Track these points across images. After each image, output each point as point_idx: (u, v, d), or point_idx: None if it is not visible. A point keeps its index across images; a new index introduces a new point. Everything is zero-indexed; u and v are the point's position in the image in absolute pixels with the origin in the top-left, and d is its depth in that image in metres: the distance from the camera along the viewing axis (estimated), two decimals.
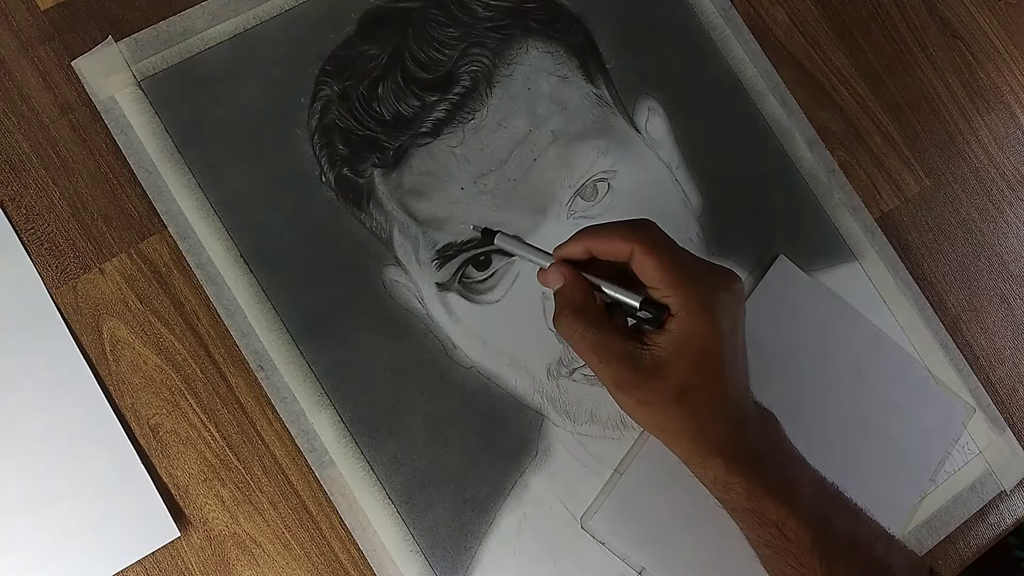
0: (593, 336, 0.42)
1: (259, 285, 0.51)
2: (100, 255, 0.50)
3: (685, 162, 0.57)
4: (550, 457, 0.52)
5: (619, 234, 0.43)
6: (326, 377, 0.50)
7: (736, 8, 0.60)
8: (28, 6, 0.52)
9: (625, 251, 0.42)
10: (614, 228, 0.43)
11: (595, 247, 0.43)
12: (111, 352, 0.49)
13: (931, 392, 0.57)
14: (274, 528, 0.49)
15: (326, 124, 0.53)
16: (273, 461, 0.50)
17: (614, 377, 0.43)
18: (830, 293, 0.57)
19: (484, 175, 0.54)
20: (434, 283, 0.52)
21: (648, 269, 0.42)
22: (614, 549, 0.51)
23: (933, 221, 0.61)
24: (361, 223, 0.53)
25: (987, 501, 0.57)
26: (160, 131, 0.51)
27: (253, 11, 0.54)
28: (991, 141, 0.63)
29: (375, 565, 0.49)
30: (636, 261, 0.42)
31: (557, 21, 0.57)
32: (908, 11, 0.64)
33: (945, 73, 0.64)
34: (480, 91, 0.54)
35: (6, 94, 0.51)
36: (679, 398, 0.42)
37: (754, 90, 0.59)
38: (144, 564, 0.47)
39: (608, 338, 0.42)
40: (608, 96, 0.57)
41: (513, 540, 0.51)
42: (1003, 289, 0.61)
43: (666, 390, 0.42)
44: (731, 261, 0.56)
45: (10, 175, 0.50)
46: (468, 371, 0.52)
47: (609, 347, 0.42)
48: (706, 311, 0.41)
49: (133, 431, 0.48)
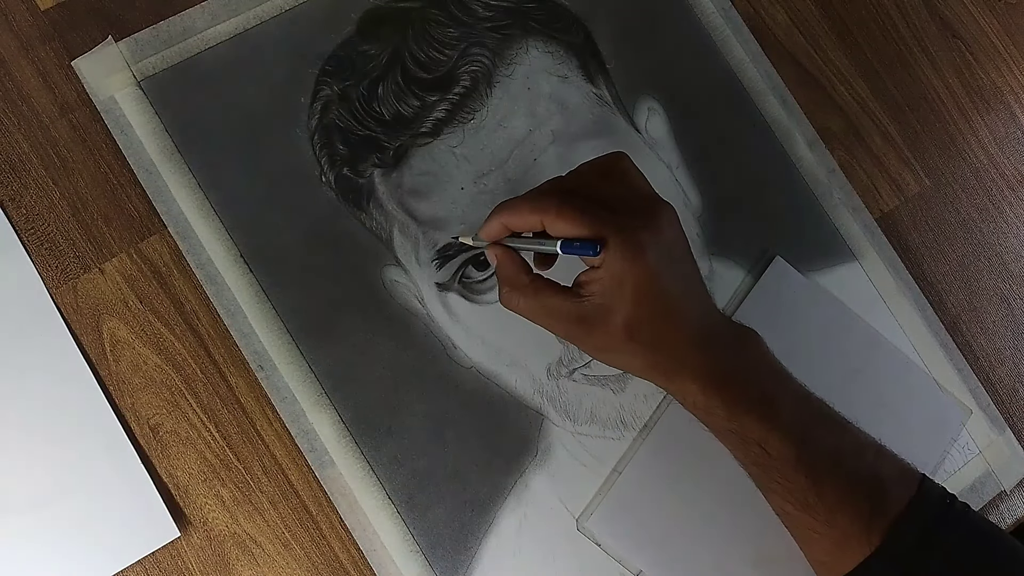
0: (532, 302, 0.44)
1: (259, 285, 0.51)
2: (100, 255, 0.50)
3: (685, 162, 0.57)
4: (550, 457, 0.52)
5: (528, 207, 0.43)
6: (326, 377, 0.50)
7: (736, 8, 0.60)
8: (28, 6, 0.52)
9: (535, 222, 0.43)
10: (523, 201, 0.44)
11: (508, 222, 0.44)
12: (111, 352, 0.49)
13: (928, 394, 0.57)
14: (274, 528, 0.49)
15: (326, 124, 0.53)
16: (273, 461, 0.50)
17: (565, 332, 0.45)
18: (827, 294, 0.57)
19: (484, 175, 0.54)
20: (434, 283, 0.52)
21: (562, 232, 0.42)
22: (610, 551, 0.51)
23: (933, 221, 0.61)
24: (361, 223, 0.53)
25: (987, 501, 0.57)
26: (160, 131, 0.51)
27: (253, 11, 0.54)
28: (991, 141, 0.63)
29: (375, 565, 0.49)
30: (549, 228, 0.43)
31: (557, 21, 0.57)
32: (908, 11, 0.64)
33: (945, 73, 0.64)
34: (480, 91, 0.54)
35: (6, 94, 0.51)
36: (630, 335, 0.43)
37: (754, 90, 0.59)
38: (144, 564, 0.47)
39: (546, 300, 0.44)
40: (608, 96, 0.57)
41: (513, 540, 0.51)
42: (1003, 289, 0.61)
43: (615, 331, 0.43)
44: (731, 261, 0.56)
45: (10, 175, 0.50)
46: (468, 371, 0.52)
47: (550, 308, 0.44)
48: (629, 250, 0.42)
49: (133, 431, 0.48)
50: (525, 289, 0.44)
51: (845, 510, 0.43)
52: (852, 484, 0.44)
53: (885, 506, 0.43)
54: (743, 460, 0.46)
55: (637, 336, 0.43)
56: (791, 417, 0.44)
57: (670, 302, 0.43)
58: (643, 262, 0.42)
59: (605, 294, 0.42)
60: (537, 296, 0.44)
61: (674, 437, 0.53)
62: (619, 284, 0.42)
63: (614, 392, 0.53)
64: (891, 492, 0.44)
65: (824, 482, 0.43)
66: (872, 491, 0.44)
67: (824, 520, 0.43)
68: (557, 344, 0.53)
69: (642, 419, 0.53)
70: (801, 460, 0.43)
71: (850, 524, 0.43)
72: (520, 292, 0.45)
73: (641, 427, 0.53)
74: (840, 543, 0.44)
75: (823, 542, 0.44)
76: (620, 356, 0.45)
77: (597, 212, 0.42)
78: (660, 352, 0.44)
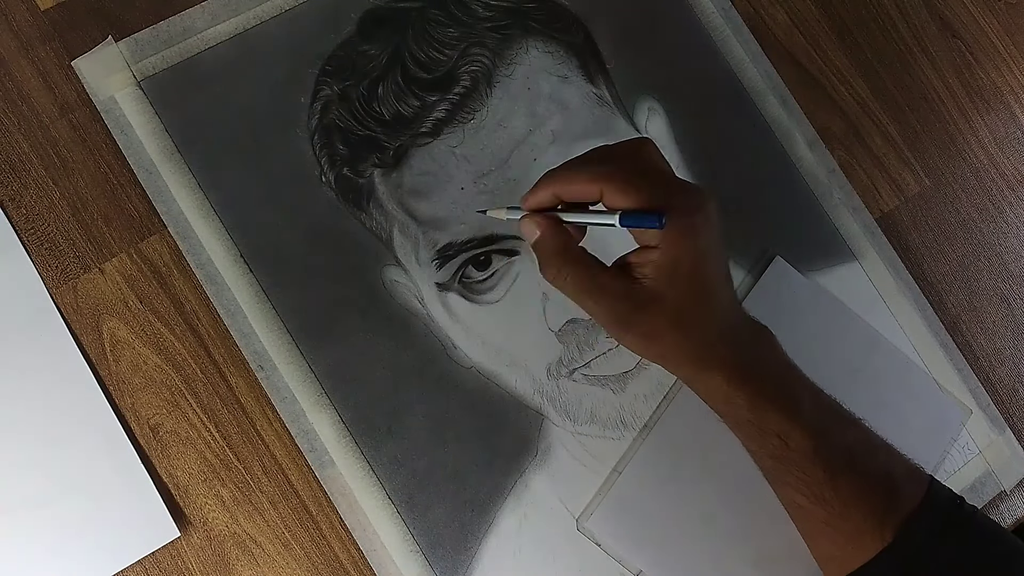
0: (584, 278, 0.42)
1: (259, 285, 0.51)
2: (100, 255, 0.50)
3: (685, 162, 0.57)
4: (550, 457, 0.52)
5: (587, 176, 0.42)
6: (326, 377, 0.50)
7: (736, 8, 0.60)
8: (28, 6, 0.52)
9: (595, 192, 0.41)
10: (580, 170, 0.42)
11: (563, 192, 0.43)
12: (111, 352, 0.49)
13: (927, 393, 0.57)
14: (274, 528, 0.49)
15: (326, 124, 0.53)
16: (273, 461, 0.50)
17: (614, 315, 0.42)
18: (826, 294, 0.57)
19: (484, 175, 0.54)
20: (434, 283, 0.52)
21: (624, 203, 0.41)
22: (610, 551, 0.51)
23: (933, 221, 0.61)
24: (361, 223, 0.53)
25: (987, 501, 0.57)
26: (160, 131, 0.51)
27: (253, 11, 0.54)
28: (991, 141, 0.63)
29: (375, 565, 0.49)
30: (608, 200, 0.41)
31: (557, 21, 0.57)
32: (908, 11, 0.64)
33: (945, 73, 0.64)
34: (480, 91, 0.54)
35: (6, 94, 0.51)
36: (677, 323, 0.42)
37: (754, 90, 0.59)
38: (144, 564, 0.47)
39: (599, 278, 0.42)
40: (608, 96, 0.57)
41: (513, 540, 0.51)
42: (1003, 289, 0.61)
43: (664, 318, 0.42)
44: (731, 261, 0.56)
45: (10, 175, 0.50)
46: (468, 371, 0.52)
47: (602, 286, 0.42)
48: (687, 234, 0.41)
49: (133, 431, 0.48)
50: (577, 263, 0.42)
51: (860, 505, 0.43)
52: (867, 480, 0.44)
53: (898, 503, 0.43)
54: (759, 452, 0.45)
55: (682, 324, 0.42)
56: (810, 411, 0.44)
57: (712, 291, 0.43)
58: (697, 245, 0.41)
59: (660, 277, 0.41)
60: (589, 272, 0.42)
61: (674, 437, 0.53)
62: (675, 267, 0.41)
63: (614, 392, 0.53)
64: (903, 491, 0.44)
65: (840, 476, 0.43)
66: (886, 488, 0.44)
67: (839, 514, 0.43)
68: (557, 344, 0.53)
69: (642, 419, 0.53)
70: (819, 454, 0.43)
71: (864, 519, 0.43)
72: (573, 265, 0.42)
73: (641, 427, 0.53)
74: (853, 538, 0.44)
75: (835, 536, 0.44)
76: (660, 346, 0.43)
77: (656, 187, 0.41)
78: (698, 342, 0.43)
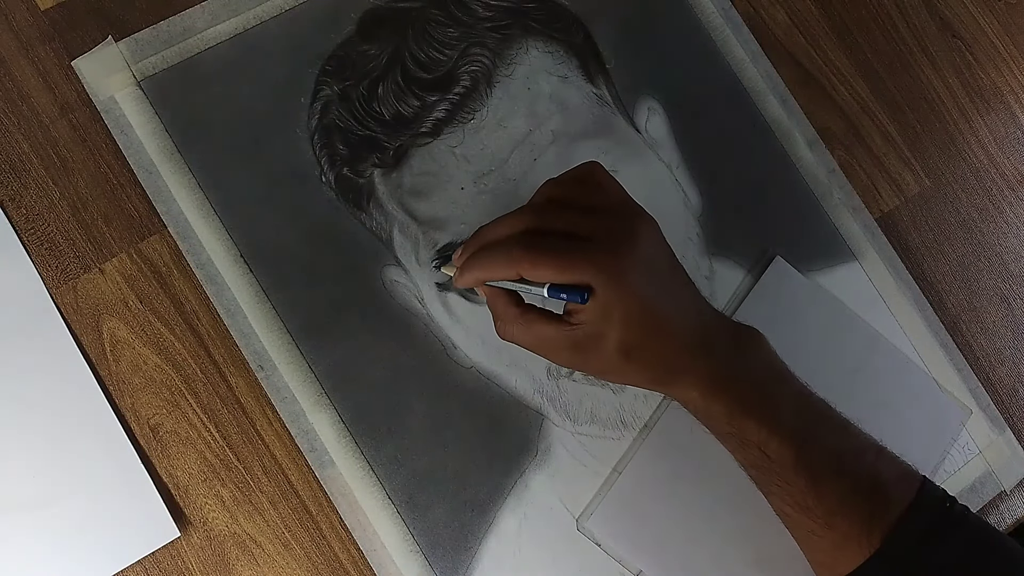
0: (526, 334, 0.45)
1: (259, 285, 0.51)
2: (100, 255, 0.50)
3: (685, 162, 0.57)
4: (550, 457, 0.52)
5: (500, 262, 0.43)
6: (326, 377, 0.50)
7: (736, 8, 0.60)
8: (28, 6, 0.52)
9: (512, 274, 0.43)
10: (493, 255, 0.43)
11: (484, 278, 0.45)
12: (111, 352, 0.49)
13: (928, 394, 0.57)
14: (274, 528, 0.49)
15: (326, 124, 0.53)
16: (273, 461, 0.50)
17: (563, 359, 0.45)
18: (827, 294, 0.57)
19: (484, 175, 0.54)
20: (434, 283, 0.52)
21: (543, 278, 0.42)
22: (610, 551, 0.51)
23: (933, 221, 0.61)
24: (361, 223, 0.53)
25: (987, 501, 0.57)
26: (160, 131, 0.51)
27: (253, 11, 0.54)
28: (991, 141, 0.63)
29: (375, 565, 0.49)
30: (529, 277, 0.43)
31: (557, 21, 0.57)
32: (908, 11, 0.64)
33: (945, 73, 0.64)
34: (480, 91, 0.54)
35: (6, 94, 0.51)
36: (627, 357, 0.43)
37: (754, 90, 0.59)
38: (144, 564, 0.47)
39: (539, 330, 0.44)
40: (608, 96, 0.57)
41: (513, 540, 0.51)
42: (1003, 289, 0.61)
43: (611, 355, 0.43)
44: (731, 261, 0.56)
45: (10, 175, 0.50)
46: (468, 371, 0.52)
47: (544, 337, 0.44)
48: (612, 281, 0.41)
49: (133, 431, 0.48)
50: (517, 321, 0.45)
51: (844, 512, 0.43)
52: (852, 486, 0.44)
53: (885, 508, 0.43)
54: (743, 462, 0.46)
55: (633, 356, 0.43)
56: (791, 419, 0.44)
57: (661, 318, 0.43)
58: (628, 288, 0.42)
59: (595, 321, 0.42)
60: (530, 327, 0.44)
61: (674, 437, 0.53)
62: (607, 313, 0.42)
63: (614, 392, 0.53)
64: (891, 494, 0.44)
65: (823, 484, 0.43)
66: (872, 493, 0.44)
67: (823, 522, 0.43)
68: None
69: (642, 419, 0.53)
70: (800, 462, 0.43)
71: (849, 526, 0.43)
72: (512, 324, 0.45)
73: (641, 427, 0.53)
74: (839, 545, 0.44)
75: (822, 544, 0.44)
76: (621, 375, 0.45)
77: (571, 250, 0.42)
78: (659, 367, 0.44)
